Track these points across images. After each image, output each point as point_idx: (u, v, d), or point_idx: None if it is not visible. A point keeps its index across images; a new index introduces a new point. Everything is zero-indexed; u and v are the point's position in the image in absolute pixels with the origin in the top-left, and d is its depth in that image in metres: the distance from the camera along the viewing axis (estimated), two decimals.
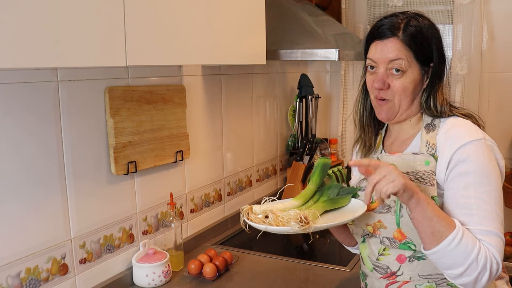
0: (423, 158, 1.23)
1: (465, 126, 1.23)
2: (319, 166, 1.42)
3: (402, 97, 1.24)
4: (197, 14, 1.40)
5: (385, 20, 1.26)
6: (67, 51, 1.01)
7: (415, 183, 1.19)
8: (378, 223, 1.27)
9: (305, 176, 2.55)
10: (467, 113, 1.28)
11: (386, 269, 1.28)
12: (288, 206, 1.31)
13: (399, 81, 1.23)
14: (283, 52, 2.03)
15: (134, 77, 1.62)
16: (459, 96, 2.62)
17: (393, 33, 1.23)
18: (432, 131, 1.25)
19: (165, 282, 1.62)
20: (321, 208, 1.33)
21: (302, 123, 2.65)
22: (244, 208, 1.30)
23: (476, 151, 1.17)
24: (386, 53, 1.22)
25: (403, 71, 1.22)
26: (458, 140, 1.18)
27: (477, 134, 1.19)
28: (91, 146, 1.47)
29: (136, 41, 1.17)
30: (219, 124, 2.11)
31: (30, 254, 1.30)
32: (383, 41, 1.23)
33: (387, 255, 1.27)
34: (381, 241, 1.27)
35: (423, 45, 1.23)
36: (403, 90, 1.23)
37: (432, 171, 1.21)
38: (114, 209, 1.57)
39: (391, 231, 1.24)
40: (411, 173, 1.23)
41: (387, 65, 1.23)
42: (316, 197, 1.38)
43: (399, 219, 1.22)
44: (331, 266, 1.73)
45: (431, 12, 2.64)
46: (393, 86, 1.23)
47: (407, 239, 1.22)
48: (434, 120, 1.27)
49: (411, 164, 1.24)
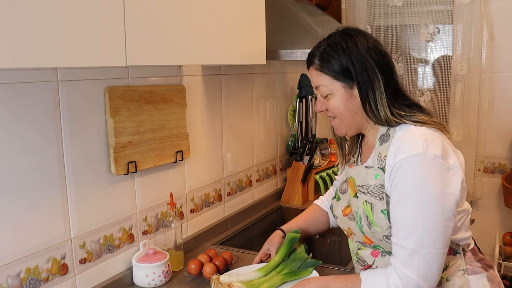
0: (373, 172, 1.26)
1: (407, 139, 1.20)
2: (287, 240, 1.64)
3: (339, 115, 1.31)
4: (197, 14, 1.40)
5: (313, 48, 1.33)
6: (67, 51, 1.01)
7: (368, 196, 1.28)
8: (348, 230, 1.38)
9: (305, 176, 2.55)
10: (419, 120, 1.23)
11: (364, 262, 1.37)
12: (251, 278, 1.53)
13: (329, 102, 1.30)
14: (283, 52, 2.03)
15: (134, 77, 1.62)
16: (459, 96, 2.62)
17: (311, 62, 1.31)
18: (386, 142, 1.25)
19: (165, 282, 1.62)
20: (279, 280, 1.53)
21: (302, 123, 2.65)
22: (213, 278, 1.50)
23: (411, 166, 1.16)
24: (313, 81, 1.32)
25: (328, 93, 1.29)
26: (397, 154, 1.19)
27: (416, 148, 1.16)
28: (91, 146, 1.47)
29: (136, 41, 1.17)
30: (219, 124, 2.11)
31: (30, 254, 1.30)
32: (308, 71, 1.33)
33: (364, 249, 1.37)
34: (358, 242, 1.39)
35: (334, 64, 1.25)
36: (336, 109, 1.30)
37: (381, 184, 1.24)
38: (114, 209, 1.57)
39: (360, 237, 1.34)
40: (365, 186, 1.29)
41: (318, 91, 1.32)
42: (280, 268, 1.58)
43: (361, 228, 1.30)
44: (331, 266, 1.73)
45: (431, 12, 2.64)
46: (328, 107, 1.31)
47: (375, 243, 1.31)
48: (389, 129, 1.26)
49: (363, 177, 1.29)
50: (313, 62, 1.29)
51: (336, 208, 1.46)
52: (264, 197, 2.52)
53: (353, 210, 1.33)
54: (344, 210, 1.40)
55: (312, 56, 1.30)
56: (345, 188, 1.43)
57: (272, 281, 1.53)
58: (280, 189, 2.66)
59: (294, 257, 1.65)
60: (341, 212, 1.41)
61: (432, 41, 2.70)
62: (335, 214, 1.45)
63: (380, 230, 1.24)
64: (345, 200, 1.41)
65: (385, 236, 1.25)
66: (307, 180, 2.59)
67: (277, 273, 1.57)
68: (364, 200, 1.28)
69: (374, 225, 1.26)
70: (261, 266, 1.61)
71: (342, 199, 1.43)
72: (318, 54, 1.28)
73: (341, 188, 1.46)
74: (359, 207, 1.30)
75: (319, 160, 2.74)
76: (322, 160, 2.76)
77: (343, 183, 1.45)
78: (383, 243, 1.28)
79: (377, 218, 1.24)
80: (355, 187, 1.33)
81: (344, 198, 1.42)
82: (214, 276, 1.52)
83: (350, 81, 1.24)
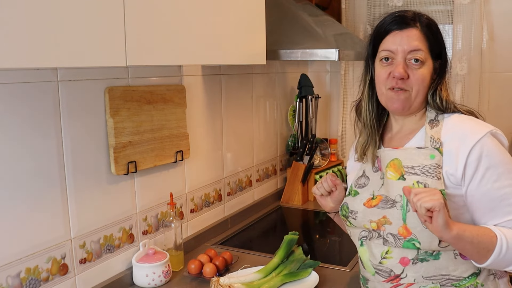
0: (428, 152, 1.22)
1: (473, 122, 1.25)
2: (285, 242, 1.67)
3: (420, 88, 1.25)
4: (197, 14, 1.40)
5: (397, 13, 1.26)
6: (67, 51, 1.01)
7: (421, 177, 1.20)
8: (383, 219, 1.25)
9: (305, 176, 2.55)
10: (468, 110, 1.30)
11: (390, 272, 1.26)
12: (251, 279, 1.54)
13: (419, 71, 1.23)
14: (283, 52, 2.03)
15: (134, 77, 1.62)
16: (459, 96, 2.62)
17: (413, 24, 1.23)
18: (436, 127, 1.26)
19: (165, 282, 1.62)
20: (279, 281, 1.55)
21: (302, 123, 2.65)
22: (213, 280, 1.50)
23: (492, 143, 1.19)
24: (407, 42, 1.22)
25: (422, 61, 1.23)
26: (471, 137, 1.19)
27: (486, 127, 1.21)
28: (91, 146, 1.47)
29: (136, 41, 1.17)
30: (219, 124, 2.11)
31: (30, 254, 1.30)
32: (403, 31, 1.24)
33: (390, 258, 1.26)
34: (385, 239, 1.25)
35: (437, 39, 1.25)
36: (422, 81, 1.24)
37: (438, 164, 1.21)
38: (114, 209, 1.57)
39: (397, 226, 1.22)
40: (417, 167, 1.22)
41: (406, 55, 1.23)
42: (280, 269, 1.60)
43: (406, 214, 1.20)
44: (331, 266, 1.73)
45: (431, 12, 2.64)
46: (412, 76, 1.23)
47: (412, 235, 1.20)
48: (438, 116, 1.27)
49: (415, 158, 1.24)
50: (417, 25, 1.24)
51: (353, 204, 1.34)
52: (264, 197, 2.52)
53: (394, 194, 1.24)
54: (368, 201, 1.30)
55: (412, 20, 1.25)
56: (364, 182, 1.35)
57: (272, 282, 1.53)
58: (280, 189, 2.66)
59: (293, 258, 1.65)
60: (362, 205, 1.31)
61: None
62: (353, 209, 1.33)
63: None
64: (368, 192, 1.32)
65: None
66: (307, 180, 2.59)
67: (277, 274, 1.58)
68: (415, 181, 1.21)
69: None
70: (260, 268, 1.61)
71: (362, 192, 1.34)
72: (423, 21, 1.25)
73: (358, 183, 1.37)
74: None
75: (319, 160, 2.74)
76: (322, 160, 2.76)
77: (360, 177, 1.37)
78: (423, 234, 1.19)
79: None
80: (401, 168, 1.25)
81: (366, 190, 1.33)
82: (214, 278, 1.52)
83: (437, 62, 1.27)
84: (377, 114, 1.35)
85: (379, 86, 1.29)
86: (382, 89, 1.28)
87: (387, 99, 1.27)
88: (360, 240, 1.32)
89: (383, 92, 1.27)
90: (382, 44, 1.27)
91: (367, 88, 1.35)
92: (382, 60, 1.26)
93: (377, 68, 1.29)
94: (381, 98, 1.30)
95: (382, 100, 1.30)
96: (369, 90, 1.34)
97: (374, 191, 1.31)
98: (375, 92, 1.32)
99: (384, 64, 1.26)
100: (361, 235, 1.32)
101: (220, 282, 1.48)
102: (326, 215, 2.43)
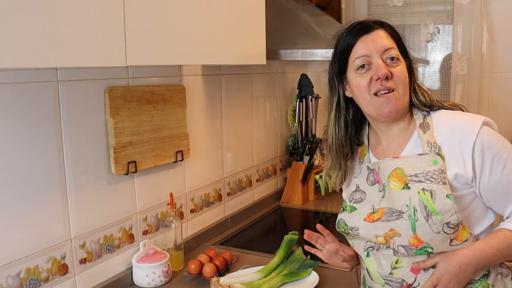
0: (430, 158, 1.19)
1: (464, 117, 1.23)
2: (285, 242, 1.67)
3: (405, 85, 1.21)
4: (197, 14, 1.40)
5: (356, 22, 1.25)
6: (67, 51, 1.01)
7: (426, 183, 1.18)
8: (390, 232, 1.20)
9: (305, 176, 2.55)
10: (452, 104, 1.28)
11: (402, 282, 1.23)
12: (251, 279, 1.55)
13: (398, 68, 1.20)
14: (283, 52, 2.03)
15: (134, 77, 1.62)
16: (459, 96, 2.62)
17: (376, 26, 1.22)
18: (428, 130, 1.23)
19: (165, 282, 1.62)
20: (279, 281, 1.56)
21: (302, 123, 2.65)
22: (213, 280, 1.51)
23: (489, 132, 1.19)
24: (379, 42, 1.20)
25: (398, 59, 1.21)
26: (469, 134, 1.18)
27: (478, 119, 1.20)
28: (91, 146, 1.47)
29: (136, 41, 1.17)
30: (219, 124, 2.11)
31: (30, 254, 1.30)
32: (370, 34, 1.21)
33: (401, 268, 1.22)
34: (396, 251, 1.21)
35: (400, 39, 1.25)
36: (404, 77, 1.21)
37: (441, 169, 1.18)
38: (114, 209, 1.57)
39: (407, 237, 1.18)
40: (420, 174, 1.19)
41: (381, 55, 1.19)
42: (280, 269, 1.61)
43: (415, 223, 1.16)
44: (331, 266, 1.73)
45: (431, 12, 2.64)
46: (394, 74, 1.19)
47: (424, 243, 1.17)
48: (426, 117, 1.25)
49: (418, 165, 1.20)
50: (382, 27, 1.23)
51: (351, 220, 1.28)
52: (264, 197, 2.52)
53: (399, 205, 1.19)
54: (369, 216, 1.24)
55: (374, 23, 1.24)
56: (360, 196, 1.30)
57: (272, 282, 1.53)
58: (280, 189, 2.66)
59: (293, 258, 1.66)
60: (362, 220, 1.25)
61: (432, 41, 2.70)
62: (353, 226, 1.27)
63: (441, 218, 1.14)
64: (366, 206, 1.27)
65: (445, 225, 1.15)
66: (307, 180, 2.59)
67: (277, 274, 1.58)
68: (420, 189, 1.17)
69: (434, 213, 1.15)
70: (260, 268, 1.61)
71: (360, 207, 1.28)
72: (384, 23, 1.25)
73: (353, 197, 1.31)
74: (413, 198, 1.18)
75: (319, 160, 2.74)
76: (322, 160, 2.76)
77: (354, 192, 1.32)
78: (435, 240, 1.16)
79: (439, 204, 1.15)
80: (404, 177, 1.21)
81: (365, 205, 1.27)
82: (214, 278, 1.52)
83: (406, 61, 1.25)
84: (344, 136, 1.30)
85: (362, 96, 1.22)
86: (366, 98, 1.21)
87: (377, 106, 1.20)
88: (366, 251, 1.27)
89: (369, 100, 1.21)
90: (352, 54, 1.22)
91: (333, 111, 1.29)
92: (358, 69, 1.21)
93: (355, 80, 1.22)
94: (367, 108, 1.23)
95: (369, 110, 1.23)
96: (336, 113, 1.29)
97: (373, 204, 1.25)
98: (342, 112, 1.28)
99: (361, 72, 1.20)
100: (367, 246, 1.27)
101: (220, 282, 1.48)
102: (326, 215, 2.44)
